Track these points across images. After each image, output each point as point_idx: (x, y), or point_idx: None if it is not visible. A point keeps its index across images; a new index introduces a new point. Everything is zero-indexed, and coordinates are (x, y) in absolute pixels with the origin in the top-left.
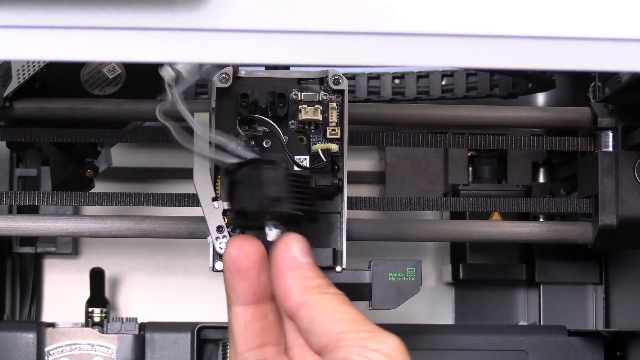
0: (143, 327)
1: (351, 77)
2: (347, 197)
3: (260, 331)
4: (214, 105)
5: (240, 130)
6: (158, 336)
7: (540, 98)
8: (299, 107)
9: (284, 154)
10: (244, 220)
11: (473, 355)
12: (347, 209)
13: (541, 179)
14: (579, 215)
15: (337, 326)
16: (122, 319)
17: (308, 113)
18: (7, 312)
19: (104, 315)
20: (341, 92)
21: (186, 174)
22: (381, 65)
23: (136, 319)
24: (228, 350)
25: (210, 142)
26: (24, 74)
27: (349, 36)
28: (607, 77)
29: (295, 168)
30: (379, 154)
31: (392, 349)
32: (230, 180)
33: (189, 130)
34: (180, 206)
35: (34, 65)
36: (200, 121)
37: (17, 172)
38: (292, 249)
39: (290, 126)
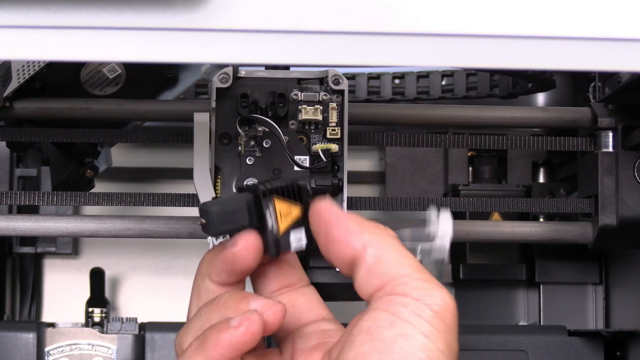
0: (143, 327)
1: (351, 77)
2: (347, 197)
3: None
4: (214, 105)
5: (240, 130)
6: (158, 336)
7: (540, 98)
8: (299, 107)
9: (283, 154)
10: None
11: (473, 355)
12: (347, 209)
13: (541, 179)
14: (579, 215)
15: (403, 268)
16: (122, 319)
17: (308, 113)
18: (7, 312)
19: (104, 315)
20: (341, 92)
21: (186, 174)
22: (381, 65)
23: (136, 319)
24: None
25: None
26: (24, 74)
27: (349, 36)
28: (607, 77)
29: (295, 168)
30: (379, 154)
31: (447, 309)
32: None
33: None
34: (180, 206)
35: (34, 65)
36: (200, 121)
37: (17, 172)
38: (334, 204)
39: (290, 126)
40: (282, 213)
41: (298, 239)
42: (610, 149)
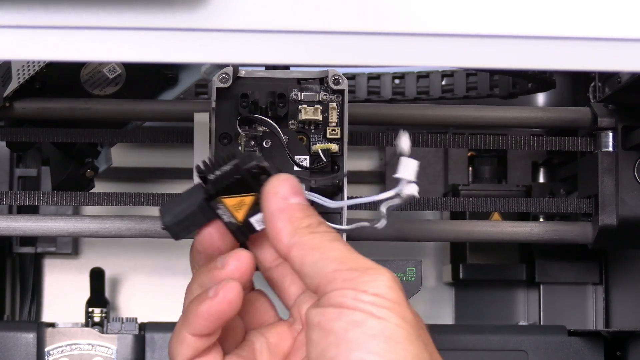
0: (143, 327)
1: (351, 77)
2: (347, 197)
3: None
4: (214, 105)
5: (240, 130)
6: (158, 336)
7: (540, 98)
8: (299, 107)
9: (284, 154)
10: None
11: (473, 355)
12: (347, 208)
13: (541, 179)
14: (579, 215)
15: (327, 265)
16: (122, 319)
17: (308, 113)
18: (7, 312)
19: (104, 315)
20: (341, 92)
21: (186, 174)
22: (381, 65)
23: (136, 319)
24: None
25: None
26: (24, 74)
27: (349, 36)
28: (607, 77)
29: (296, 168)
30: (379, 154)
31: (385, 286)
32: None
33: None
34: None
35: (34, 65)
36: (200, 121)
37: (17, 172)
38: (281, 190)
39: (290, 126)
40: (235, 207)
41: (260, 221)
42: (610, 149)
